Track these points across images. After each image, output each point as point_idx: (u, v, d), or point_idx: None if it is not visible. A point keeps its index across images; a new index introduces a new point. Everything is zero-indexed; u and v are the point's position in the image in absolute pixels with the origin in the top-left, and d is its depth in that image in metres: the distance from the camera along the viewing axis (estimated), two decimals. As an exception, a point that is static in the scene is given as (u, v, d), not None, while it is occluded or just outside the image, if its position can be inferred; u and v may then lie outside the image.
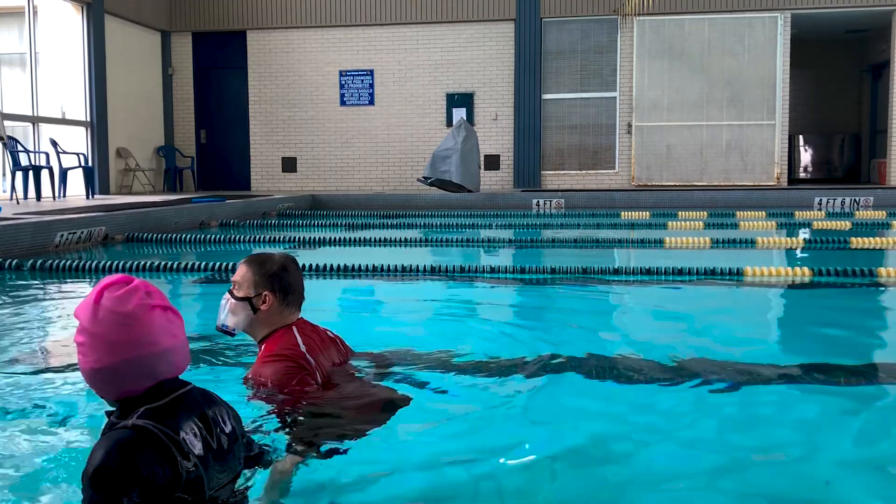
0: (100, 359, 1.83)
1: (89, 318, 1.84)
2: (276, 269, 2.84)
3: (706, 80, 15.59)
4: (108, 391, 1.88)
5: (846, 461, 2.52)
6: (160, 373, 1.88)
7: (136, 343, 1.83)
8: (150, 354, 1.85)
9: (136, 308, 1.84)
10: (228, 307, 2.84)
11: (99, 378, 1.86)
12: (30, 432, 2.74)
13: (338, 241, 9.16)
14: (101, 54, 14.20)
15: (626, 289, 6.06)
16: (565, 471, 2.43)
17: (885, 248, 8.58)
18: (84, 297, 1.89)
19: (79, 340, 1.86)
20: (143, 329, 1.84)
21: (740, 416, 2.96)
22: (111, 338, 1.82)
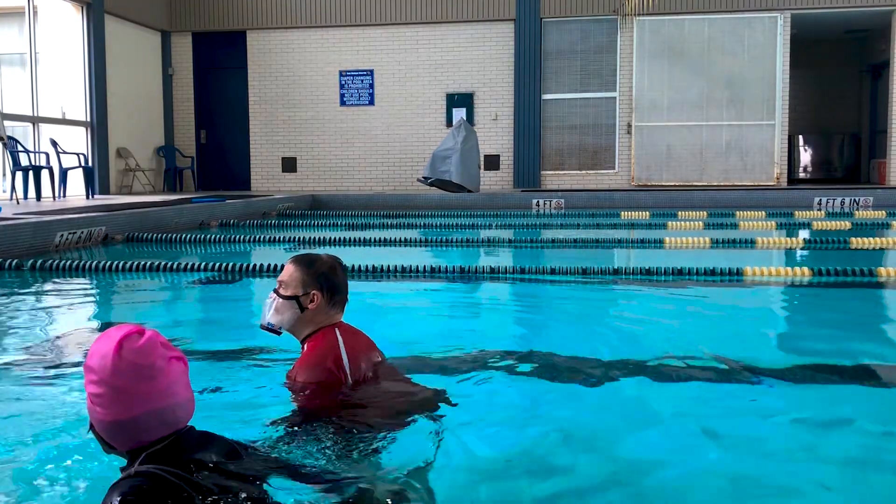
0: (122, 411, 1.81)
1: (110, 370, 1.80)
2: (325, 269, 2.85)
3: (706, 80, 15.59)
4: (122, 442, 1.86)
5: (846, 461, 2.52)
6: (179, 422, 1.88)
7: (159, 395, 1.83)
8: (172, 405, 1.85)
9: (158, 359, 1.83)
10: (274, 306, 2.84)
11: (117, 430, 1.83)
12: (30, 432, 2.74)
13: (338, 241, 9.15)
14: (101, 54, 14.20)
15: (626, 289, 6.06)
16: (565, 470, 2.43)
17: (885, 248, 8.58)
18: (95, 347, 1.85)
19: (95, 392, 1.83)
20: (166, 380, 1.84)
21: (740, 416, 2.96)
22: (134, 390, 1.80)
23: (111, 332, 1.87)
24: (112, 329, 1.89)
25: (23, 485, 2.31)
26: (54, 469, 2.41)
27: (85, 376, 1.86)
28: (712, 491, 2.32)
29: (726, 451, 2.60)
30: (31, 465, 2.44)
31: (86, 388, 1.85)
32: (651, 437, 2.71)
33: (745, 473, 2.43)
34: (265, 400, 3.20)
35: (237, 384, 3.45)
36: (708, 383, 3.36)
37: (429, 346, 3.98)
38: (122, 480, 1.79)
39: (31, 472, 2.39)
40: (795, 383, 3.41)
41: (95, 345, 1.87)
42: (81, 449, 2.59)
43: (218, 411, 3.02)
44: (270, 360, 3.87)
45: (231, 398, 3.21)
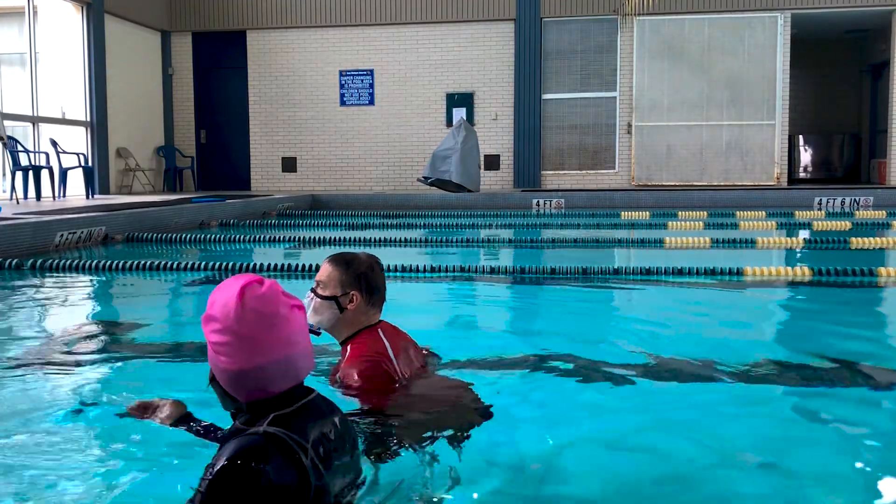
0: (246, 359, 1.77)
1: (233, 317, 1.77)
2: (364, 269, 2.83)
3: (706, 80, 15.59)
4: (242, 392, 1.82)
5: (846, 461, 2.52)
6: (300, 373, 1.85)
7: (282, 343, 1.79)
8: (294, 355, 1.82)
9: (281, 307, 1.80)
10: (312, 306, 2.82)
11: (240, 379, 1.79)
12: (31, 432, 2.74)
13: (338, 241, 9.15)
14: (101, 54, 14.20)
15: (626, 289, 6.06)
16: (565, 470, 2.43)
17: (885, 248, 8.58)
18: (215, 296, 1.83)
19: (219, 340, 1.80)
20: (288, 329, 1.80)
21: (740, 416, 2.96)
22: (258, 338, 1.77)
23: (230, 282, 1.84)
24: (230, 279, 1.85)
25: (23, 485, 2.31)
26: (54, 469, 2.41)
27: (205, 325, 1.83)
28: (711, 490, 2.32)
29: (725, 450, 2.59)
30: (31, 465, 2.44)
31: (207, 338, 1.83)
32: (651, 436, 2.71)
33: (743, 473, 2.43)
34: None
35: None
36: (707, 383, 3.36)
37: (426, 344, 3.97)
38: (247, 435, 1.74)
39: (30, 472, 2.39)
40: (795, 383, 3.41)
41: (216, 294, 1.84)
42: (81, 449, 2.59)
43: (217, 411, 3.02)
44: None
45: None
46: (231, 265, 6.68)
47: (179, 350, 4.14)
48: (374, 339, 2.81)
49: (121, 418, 2.63)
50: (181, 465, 2.45)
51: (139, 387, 3.42)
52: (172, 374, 3.67)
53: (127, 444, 2.65)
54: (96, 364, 3.90)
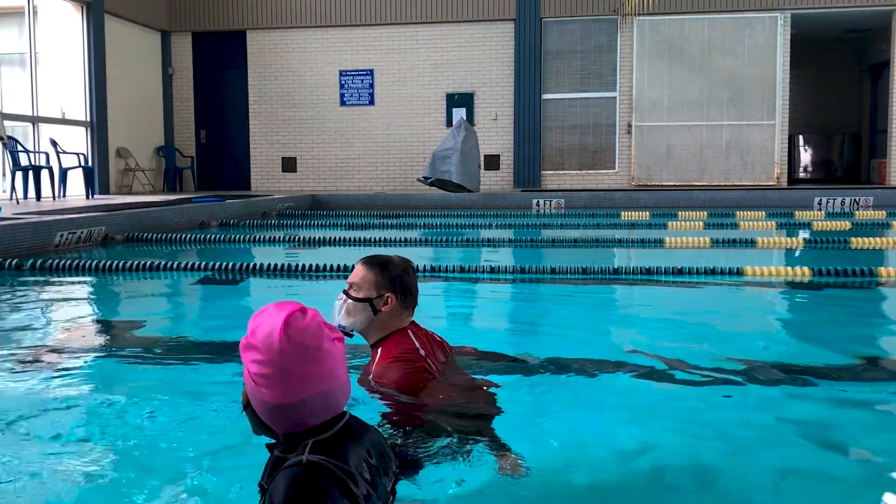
0: (288, 393, 1.74)
1: (276, 350, 1.73)
2: (398, 272, 2.84)
3: (706, 80, 15.58)
4: (282, 425, 1.79)
5: (846, 460, 2.52)
6: (339, 406, 1.82)
7: (324, 378, 1.76)
8: (335, 389, 1.79)
9: (324, 341, 1.77)
10: (345, 308, 2.81)
11: (280, 412, 1.76)
12: (31, 433, 2.74)
13: (338, 241, 9.15)
14: (101, 54, 14.20)
15: (626, 289, 6.06)
16: (564, 469, 2.43)
17: (885, 248, 8.58)
18: (256, 324, 1.78)
19: (260, 372, 1.75)
20: (331, 363, 1.78)
21: (739, 416, 2.96)
22: (301, 372, 1.74)
23: (272, 311, 1.79)
24: (271, 306, 1.82)
25: (22, 485, 2.31)
26: (54, 469, 2.41)
27: (245, 353, 1.79)
28: (710, 490, 2.32)
29: (725, 450, 2.59)
30: (30, 465, 2.44)
31: (246, 367, 1.78)
32: (650, 436, 2.71)
33: (743, 473, 2.43)
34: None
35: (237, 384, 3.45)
36: (708, 383, 3.36)
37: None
38: (291, 467, 1.71)
39: (30, 472, 2.39)
40: (795, 383, 3.41)
41: (257, 321, 1.80)
42: (81, 449, 2.59)
43: (218, 410, 3.02)
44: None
45: (230, 397, 3.21)
46: (231, 265, 6.68)
47: (179, 350, 4.14)
48: (405, 341, 2.82)
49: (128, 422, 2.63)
50: (182, 465, 2.45)
51: (139, 387, 3.42)
52: (172, 375, 3.66)
53: (127, 444, 2.65)
54: (96, 364, 3.90)
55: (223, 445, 2.62)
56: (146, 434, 2.74)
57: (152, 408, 3.04)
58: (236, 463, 2.47)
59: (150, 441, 2.65)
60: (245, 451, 2.57)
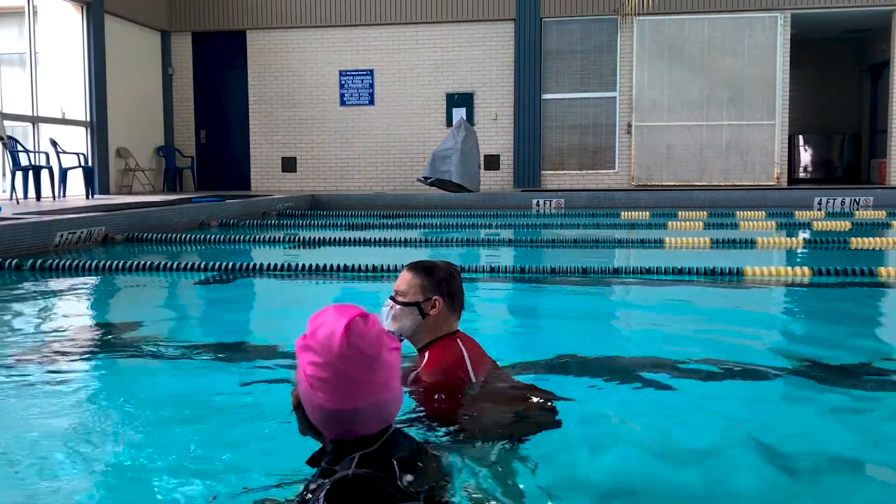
0: (344, 400, 1.71)
1: (336, 354, 1.70)
2: (445, 275, 2.83)
3: (706, 80, 15.58)
4: (332, 430, 1.76)
5: (845, 460, 2.52)
6: (391, 417, 1.79)
7: (380, 388, 1.73)
8: (390, 400, 1.76)
9: (382, 350, 1.74)
10: (392, 313, 2.80)
11: (334, 417, 1.73)
12: (31, 432, 2.74)
13: (338, 241, 9.15)
14: (101, 54, 14.20)
15: (626, 289, 6.06)
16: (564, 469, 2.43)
17: (885, 248, 8.58)
18: (316, 326, 1.75)
19: (317, 375, 1.72)
20: (388, 373, 1.75)
21: (739, 416, 2.96)
22: (359, 380, 1.71)
23: (332, 313, 1.76)
24: (331, 308, 1.78)
25: (22, 485, 2.31)
26: (54, 469, 2.41)
27: (302, 353, 1.75)
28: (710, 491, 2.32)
29: (725, 450, 2.59)
30: (30, 466, 2.44)
31: (302, 368, 1.75)
32: (650, 436, 2.71)
33: (743, 473, 2.43)
34: (265, 399, 3.20)
35: (236, 384, 3.45)
36: (707, 383, 3.36)
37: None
38: (338, 481, 1.69)
39: (30, 473, 2.39)
40: (795, 384, 3.41)
41: (316, 321, 1.76)
42: (81, 449, 2.59)
43: (218, 411, 3.02)
44: (270, 360, 3.88)
45: (230, 398, 3.21)
46: (231, 265, 6.67)
47: (179, 350, 4.13)
48: (453, 346, 2.81)
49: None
50: (181, 465, 2.45)
51: (139, 387, 3.43)
52: (172, 375, 3.67)
53: (127, 445, 2.65)
54: (96, 364, 3.90)
55: (223, 446, 2.62)
56: (146, 434, 2.74)
57: (152, 408, 3.04)
58: (237, 463, 2.47)
59: (149, 441, 2.65)
60: (246, 451, 2.57)
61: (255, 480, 2.34)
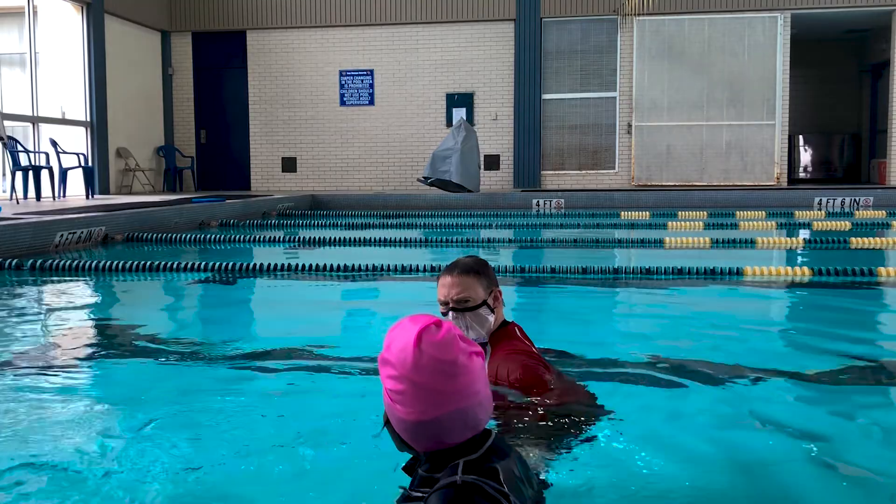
0: (426, 410, 1.69)
1: (411, 365, 1.68)
2: (483, 266, 2.81)
3: (706, 80, 15.58)
4: (423, 443, 1.74)
5: (845, 460, 2.52)
6: (479, 424, 1.75)
7: (461, 394, 1.70)
8: (474, 405, 1.72)
9: (459, 355, 1.71)
10: (466, 323, 2.72)
11: (421, 430, 1.71)
12: (31, 432, 2.74)
13: (338, 241, 9.15)
14: (101, 54, 14.20)
15: (626, 289, 6.06)
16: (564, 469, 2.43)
17: (885, 248, 8.58)
18: (391, 338, 1.75)
19: (395, 388, 1.71)
20: (468, 378, 1.71)
21: (739, 416, 2.96)
22: (438, 388, 1.68)
23: (406, 324, 1.75)
24: (406, 320, 1.77)
25: (21, 485, 2.31)
26: (53, 469, 2.41)
27: (381, 369, 1.75)
28: (710, 491, 2.32)
29: (724, 450, 2.59)
30: (30, 466, 2.44)
31: (383, 383, 1.74)
32: (650, 436, 2.71)
33: (742, 473, 2.43)
34: (265, 399, 3.20)
35: (236, 384, 3.45)
36: (707, 383, 3.36)
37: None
38: (446, 488, 1.65)
39: (32, 473, 2.39)
40: (795, 384, 3.41)
41: (392, 335, 1.75)
42: (80, 449, 2.59)
43: (218, 411, 3.02)
44: (271, 360, 3.88)
45: (230, 398, 3.21)
46: (231, 265, 6.67)
47: (179, 350, 4.13)
48: (516, 337, 2.80)
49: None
50: (181, 463, 2.45)
51: (139, 387, 3.43)
52: (172, 375, 3.66)
53: (126, 445, 2.65)
54: (96, 365, 3.90)
55: (223, 445, 2.62)
56: (145, 434, 2.74)
57: (152, 408, 3.04)
58: (238, 462, 2.47)
59: (148, 442, 2.65)
60: (245, 451, 2.57)
61: (256, 481, 2.34)
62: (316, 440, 2.67)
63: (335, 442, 2.65)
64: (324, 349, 4.05)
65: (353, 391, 3.30)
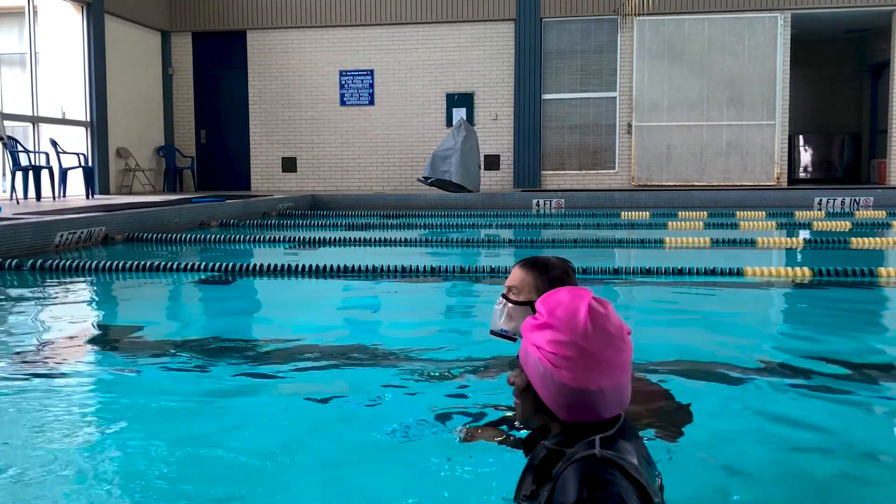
0: (590, 379, 1.68)
1: (581, 332, 1.69)
2: (559, 274, 2.77)
3: (706, 80, 15.59)
4: (569, 412, 1.72)
5: (845, 461, 2.52)
6: (627, 401, 1.76)
7: (622, 368, 1.72)
8: (627, 383, 1.74)
9: (623, 331, 1.73)
10: (506, 311, 2.75)
11: (579, 397, 1.69)
12: (31, 432, 2.74)
13: (338, 241, 9.15)
14: (101, 54, 14.20)
15: (626, 289, 6.06)
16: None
17: (885, 248, 8.58)
18: (554, 304, 1.74)
19: (561, 353, 1.69)
20: (629, 354, 1.74)
21: (739, 416, 2.96)
22: (606, 359, 1.69)
23: (568, 294, 1.76)
24: (563, 290, 1.78)
25: (21, 485, 2.31)
26: (55, 469, 2.41)
27: (539, 334, 1.73)
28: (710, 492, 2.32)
29: (724, 451, 2.59)
30: (28, 466, 2.44)
31: (542, 347, 1.71)
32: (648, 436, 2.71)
33: (742, 473, 2.43)
34: (265, 399, 3.20)
35: (235, 385, 3.45)
36: (706, 383, 3.36)
37: (429, 347, 3.98)
38: (583, 461, 1.63)
39: (32, 472, 2.39)
40: (795, 384, 3.41)
41: (551, 302, 1.76)
42: (80, 449, 2.60)
43: (217, 411, 3.02)
44: (270, 360, 3.88)
45: (230, 398, 3.21)
46: (231, 265, 6.67)
47: (179, 351, 4.13)
48: None
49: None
50: (181, 464, 2.45)
51: (139, 387, 3.43)
52: (172, 375, 3.66)
53: (125, 446, 2.65)
54: (96, 365, 3.90)
55: (223, 445, 2.62)
56: (145, 435, 2.74)
57: (151, 409, 3.04)
58: (238, 462, 2.47)
59: (148, 442, 2.65)
60: (246, 450, 2.57)
61: (256, 480, 2.34)
62: (316, 440, 2.67)
63: (335, 442, 2.65)
64: (324, 349, 4.05)
65: (353, 391, 3.30)
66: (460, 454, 2.46)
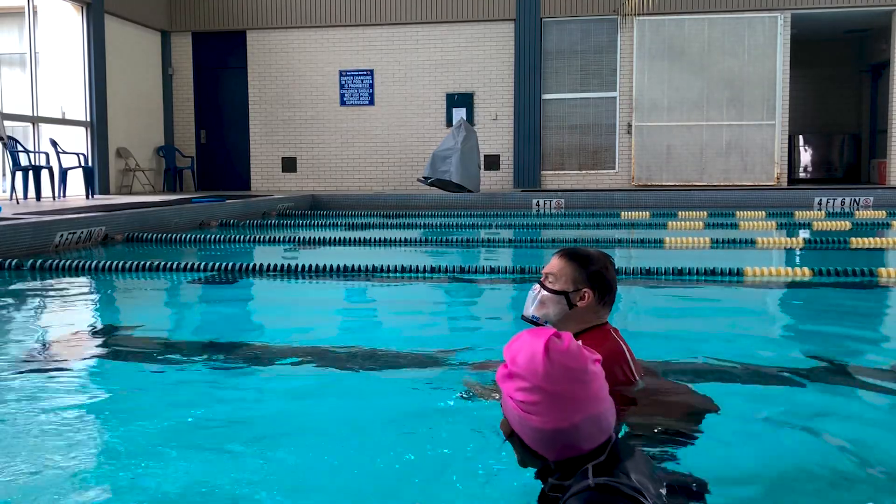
0: (560, 417, 1.71)
1: (542, 374, 1.71)
2: (599, 267, 2.75)
3: (706, 80, 15.59)
4: (553, 451, 1.75)
5: (845, 461, 2.52)
6: (609, 427, 1.77)
7: (593, 399, 1.73)
8: (604, 411, 1.75)
9: (587, 363, 1.75)
10: (539, 298, 2.74)
11: (558, 437, 1.72)
12: (30, 432, 2.74)
13: (338, 241, 9.15)
14: (101, 54, 14.20)
15: (626, 289, 6.05)
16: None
17: (885, 248, 8.58)
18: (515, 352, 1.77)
19: (528, 399, 1.73)
20: (598, 383, 1.75)
21: (739, 416, 2.96)
22: (571, 395, 1.71)
23: (527, 338, 1.79)
24: (524, 333, 1.80)
25: (21, 486, 2.31)
26: (55, 468, 2.41)
27: (507, 384, 1.77)
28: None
29: (724, 451, 2.59)
30: (28, 467, 2.44)
31: (511, 396, 1.76)
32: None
33: (742, 474, 2.43)
34: (264, 399, 3.20)
35: (235, 385, 3.45)
36: (707, 384, 3.36)
37: (429, 347, 3.98)
38: (580, 493, 1.66)
39: (31, 472, 2.39)
40: (795, 384, 3.41)
41: (514, 349, 1.79)
42: (80, 449, 2.59)
43: (217, 411, 3.02)
44: (270, 360, 3.88)
45: (230, 399, 3.21)
46: (231, 265, 6.67)
47: (179, 351, 4.14)
48: (609, 339, 2.73)
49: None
50: (182, 463, 2.45)
51: (139, 387, 3.43)
52: (172, 375, 3.66)
53: (125, 447, 2.65)
54: (96, 365, 3.90)
55: (223, 445, 2.62)
56: (145, 434, 2.74)
57: (151, 409, 3.04)
58: (238, 462, 2.47)
59: (147, 443, 2.65)
60: (246, 450, 2.57)
61: (257, 480, 2.34)
62: (316, 440, 2.67)
63: (335, 442, 2.66)
64: (324, 349, 4.05)
65: (353, 391, 3.30)
66: (461, 454, 2.46)
